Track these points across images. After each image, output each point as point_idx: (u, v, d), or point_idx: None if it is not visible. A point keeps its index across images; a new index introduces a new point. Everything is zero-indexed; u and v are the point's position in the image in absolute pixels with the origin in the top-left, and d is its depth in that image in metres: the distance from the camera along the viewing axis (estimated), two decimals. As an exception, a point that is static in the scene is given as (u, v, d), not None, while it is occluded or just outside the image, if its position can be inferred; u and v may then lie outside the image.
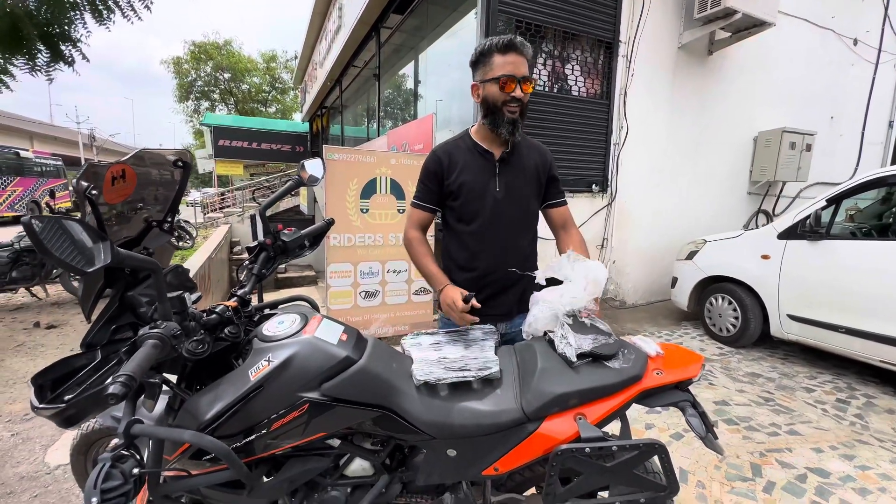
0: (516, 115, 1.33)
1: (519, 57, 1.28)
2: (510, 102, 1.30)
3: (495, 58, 1.29)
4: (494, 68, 1.29)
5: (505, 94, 1.29)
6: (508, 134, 1.35)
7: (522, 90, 1.29)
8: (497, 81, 1.28)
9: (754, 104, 5.22)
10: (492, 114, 1.35)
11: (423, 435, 1.04)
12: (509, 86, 1.28)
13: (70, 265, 0.62)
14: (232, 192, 14.74)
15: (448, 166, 1.41)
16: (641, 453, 0.94)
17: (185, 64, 25.26)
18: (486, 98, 1.34)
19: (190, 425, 0.94)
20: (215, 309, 1.04)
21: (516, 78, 1.27)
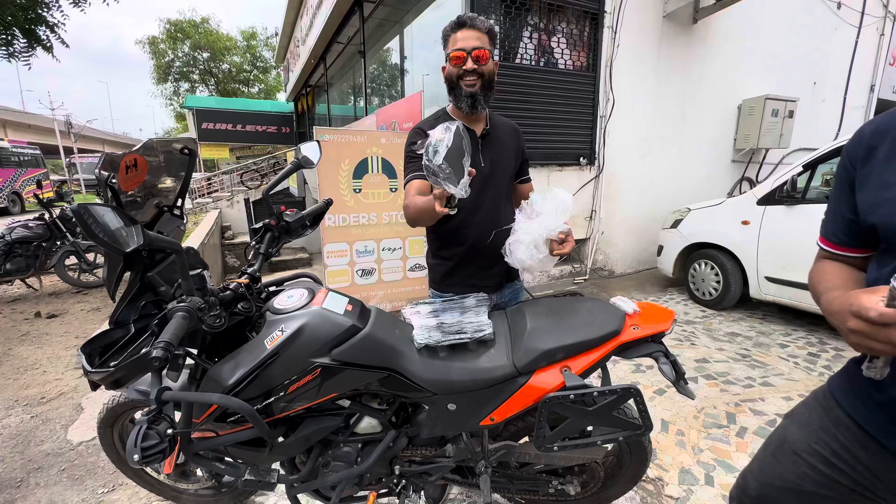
0: (475, 87, 1.36)
1: (470, 31, 1.33)
2: (465, 76, 1.35)
3: (450, 38, 1.36)
4: (449, 46, 1.36)
5: (458, 69, 1.35)
6: (469, 108, 1.39)
7: (476, 63, 1.34)
8: (450, 59, 1.35)
9: (738, 72, 5.27)
10: (452, 90, 1.41)
11: (425, 392, 1.15)
12: (459, 60, 1.34)
13: (113, 246, 0.70)
14: (219, 177, 14.52)
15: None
16: (619, 397, 1.07)
17: (162, 44, 24.34)
18: (447, 76, 1.40)
19: (214, 391, 1.04)
20: (230, 286, 1.13)
21: (465, 50, 1.33)
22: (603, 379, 1.18)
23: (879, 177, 0.69)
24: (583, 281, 4.65)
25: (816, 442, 0.83)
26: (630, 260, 5.02)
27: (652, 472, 1.81)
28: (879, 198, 0.68)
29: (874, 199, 0.69)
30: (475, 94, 1.37)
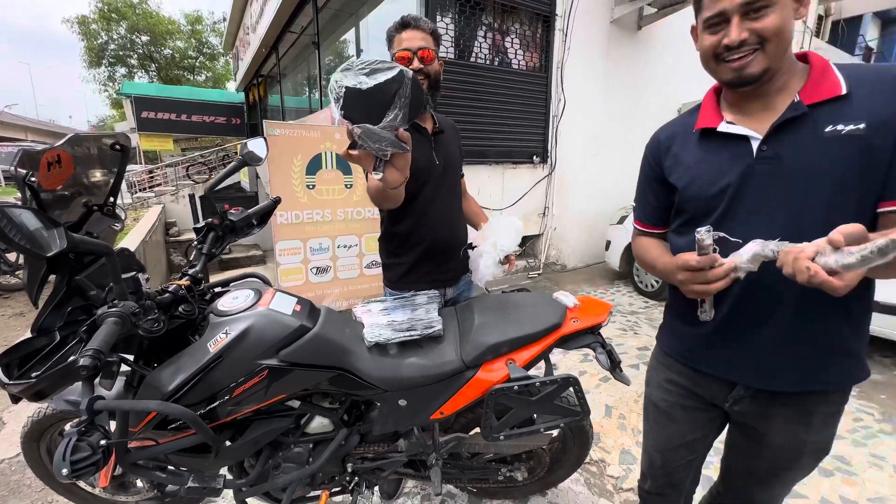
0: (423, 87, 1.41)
1: (414, 32, 1.35)
2: None
3: (395, 38, 1.38)
4: (394, 46, 1.38)
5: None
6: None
7: (422, 62, 1.36)
8: (395, 59, 1.36)
9: (679, 76, 5.61)
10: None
11: (376, 389, 1.17)
12: (405, 60, 1.35)
13: (31, 251, 0.66)
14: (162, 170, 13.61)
15: None
16: (559, 386, 1.13)
17: (94, 24, 22.34)
18: None
19: (153, 398, 1.00)
20: (169, 288, 1.09)
21: (411, 50, 1.34)
22: (546, 369, 1.25)
23: (681, 163, 0.95)
24: (537, 275, 4.81)
25: (668, 392, 1.07)
26: (581, 254, 5.25)
27: (595, 455, 1.92)
28: (688, 176, 0.93)
29: (685, 177, 0.93)
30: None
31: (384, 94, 0.84)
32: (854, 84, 0.76)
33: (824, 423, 0.92)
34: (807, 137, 0.78)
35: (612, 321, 3.57)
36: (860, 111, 0.74)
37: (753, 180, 0.83)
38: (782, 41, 0.76)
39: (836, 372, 0.87)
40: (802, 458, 0.94)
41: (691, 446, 1.08)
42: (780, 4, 0.74)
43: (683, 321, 1.00)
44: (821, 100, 0.77)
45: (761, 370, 0.88)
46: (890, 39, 12.68)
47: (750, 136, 0.83)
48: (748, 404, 0.93)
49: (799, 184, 0.79)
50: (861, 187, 0.75)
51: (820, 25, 10.24)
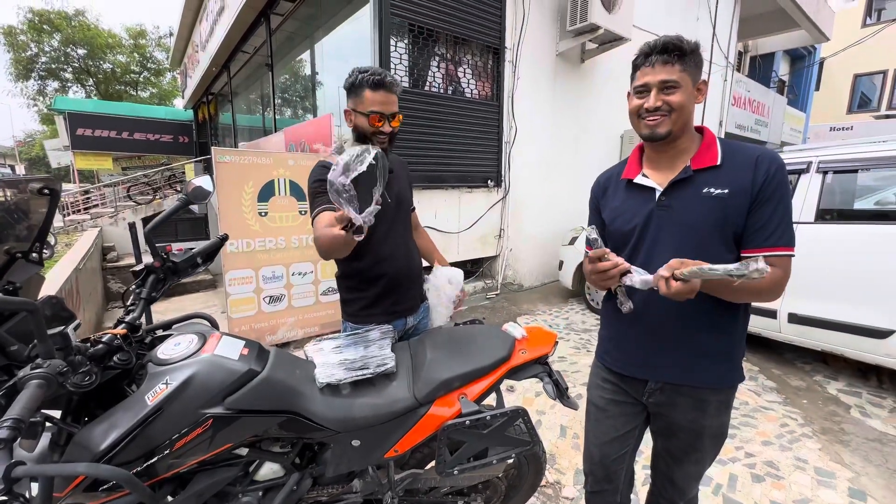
0: (385, 144, 1.45)
1: (388, 94, 1.39)
2: (379, 134, 1.42)
3: (367, 93, 1.38)
4: (365, 102, 1.38)
5: (374, 128, 1.41)
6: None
7: (391, 125, 1.43)
8: (367, 116, 1.39)
9: (620, 106, 6.04)
10: (362, 141, 1.46)
11: (328, 431, 1.15)
12: (378, 122, 1.40)
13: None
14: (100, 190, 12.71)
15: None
16: (509, 418, 1.17)
17: (22, 35, 20.79)
18: (358, 126, 1.44)
19: (82, 458, 0.93)
20: (102, 338, 1.03)
21: (385, 115, 1.40)
22: (497, 401, 1.29)
23: (610, 203, 1.20)
24: (495, 295, 4.91)
25: (603, 390, 1.28)
26: (537, 274, 5.42)
27: (551, 477, 1.97)
28: (613, 214, 1.18)
29: (611, 214, 1.19)
30: (385, 150, 1.46)
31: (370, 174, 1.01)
32: (726, 157, 1.03)
33: (717, 411, 1.13)
34: (690, 194, 1.04)
35: (566, 339, 3.69)
36: (727, 179, 1.01)
37: (653, 222, 1.08)
38: (683, 113, 1.02)
39: (710, 371, 1.10)
40: (704, 440, 1.16)
41: (624, 440, 1.25)
42: (684, 89, 1.01)
43: (606, 328, 1.29)
44: (703, 167, 1.04)
45: (659, 367, 1.13)
46: (798, 73, 14.34)
47: (654, 188, 1.09)
48: (658, 395, 1.16)
49: (682, 228, 1.04)
50: (722, 235, 1.02)
51: (740, 60, 11.41)
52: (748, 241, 1.01)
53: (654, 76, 1.00)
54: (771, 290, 0.99)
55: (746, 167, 0.99)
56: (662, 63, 0.99)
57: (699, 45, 1.03)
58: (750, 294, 1.00)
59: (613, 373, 1.24)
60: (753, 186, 0.98)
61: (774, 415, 2.51)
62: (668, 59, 0.99)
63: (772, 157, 1.00)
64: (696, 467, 1.22)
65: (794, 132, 12.19)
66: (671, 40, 1.00)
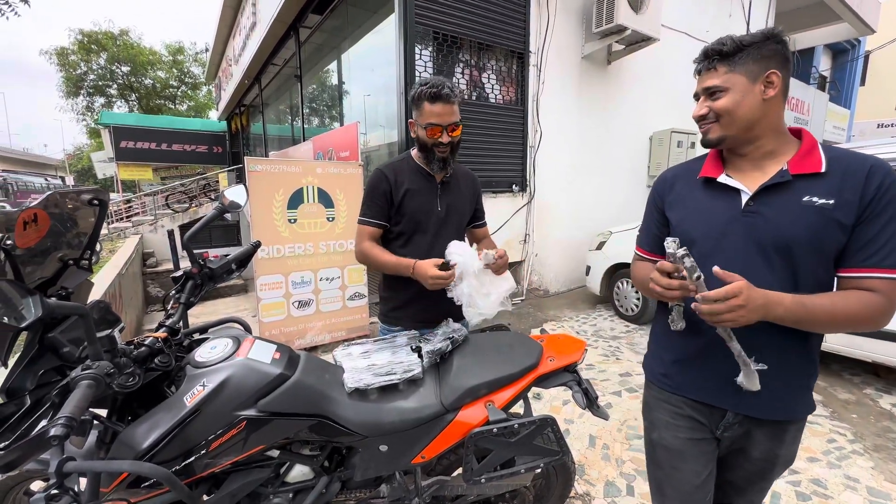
0: (446, 154, 1.49)
1: (446, 106, 1.41)
2: (439, 145, 1.46)
3: (426, 105, 1.42)
4: (424, 115, 1.43)
5: (433, 140, 1.45)
6: (439, 170, 1.52)
7: (449, 135, 1.45)
8: (426, 129, 1.44)
9: (648, 107, 5.90)
10: (424, 151, 1.51)
11: (356, 436, 1.17)
12: (436, 134, 1.44)
13: (7, 325, 0.66)
14: (141, 199, 13.40)
15: (395, 184, 1.52)
16: (538, 427, 1.15)
17: (73, 55, 22.24)
18: (419, 138, 1.49)
19: (126, 455, 0.98)
20: (145, 341, 1.08)
21: (442, 126, 1.43)
22: (525, 410, 1.27)
23: (681, 203, 1.09)
24: (520, 301, 4.86)
25: (678, 429, 1.09)
26: (563, 280, 5.33)
27: (581, 488, 1.92)
28: (684, 213, 1.07)
29: (680, 215, 1.08)
30: (446, 159, 1.50)
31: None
32: (832, 164, 0.91)
33: (793, 440, 1.05)
34: (786, 201, 0.92)
35: (594, 347, 3.61)
36: (833, 189, 0.89)
37: (735, 229, 0.97)
38: (735, 116, 0.94)
39: (803, 403, 1.01)
40: (775, 469, 1.07)
41: (705, 486, 1.08)
42: (733, 90, 0.94)
43: (667, 347, 1.12)
44: (804, 172, 0.92)
45: (742, 399, 0.99)
46: (841, 68, 13.62)
47: (741, 191, 0.98)
48: (736, 429, 1.04)
49: (772, 239, 0.92)
50: (819, 251, 0.91)
51: (776, 57, 10.93)
52: (849, 260, 0.89)
53: (700, 84, 1.00)
54: (874, 319, 0.87)
55: (857, 176, 0.88)
56: (706, 69, 0.98)
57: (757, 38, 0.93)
58: (848, 325, 0.89)
59: (687, 402, 1.07)
60: (863, 199, 0.87)
61: (821, 430, 2.36)
62: (709, 65, 0.97)
63: (886, 168, 0.89)
64: (760, 496, 1.13)
65: (838, 130, 11.55)
66: (710, 45, 0.97)
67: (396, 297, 1.61)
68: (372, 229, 1.55)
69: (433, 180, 1.56)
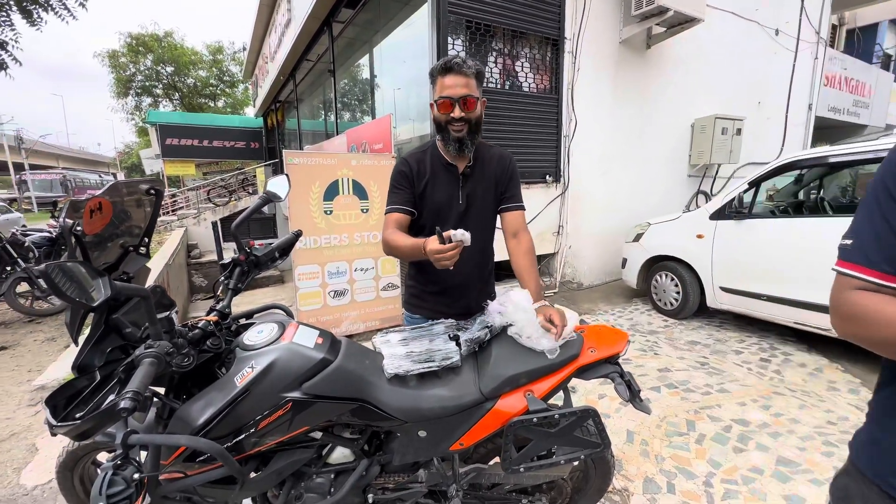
0: (462, 133, 1.39)
1: (458, 77, 1.32)
2: (452, 122, 1.37)
3: (438, 80, 1.36)
4: (437, 90, 1.37)
5: (446, 116, 1.36)
6: (456, 151, 1.42)
7: (463, 109, 1.34)
8: (438, 103, 1.36)
9: (690, 93, 5.62)
10: (440, 132, 1.43)
11: (396, 421, 1.19)
12: (447, 107, 1.35)
13: (80, 303, 0.71)
14: (184, 194, 14.08)
15: (416, 173, 1.46)
16: (579, 418, 1.13)
17: (122, 57, 23.55)
18: (435, 118, 1.42)
19: (182, 431, 1.04)
20: (198, 324, 1.14)
21: (453, 99, 1.33)
22: (564, 400, 1.25)
23: None
24: (553, 294, 4.78)
25: None
26: (597, 272, 5.20)
27: (618, 483, 1.88)
28: None
29: None
30: (462, 139, 1.40)
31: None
32: None
33: None
34: None
35: (630, 341, 3.51)
36: None
37: None
38: None
39: None
40: None
41: None
42: None
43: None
44: None
45: None
46: (908, 46, 12.47)
47: None
48: None
49: None
50: None
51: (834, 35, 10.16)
52: None
53: None
54: None
55: None
56: None
57: None
58: None
59: None
60: None
61: None
62: None
63: None
64: None
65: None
66: None
67: (415, 286, 1.61)
68: (397, 216, 1.45)
69: (454, 170, 1.48)
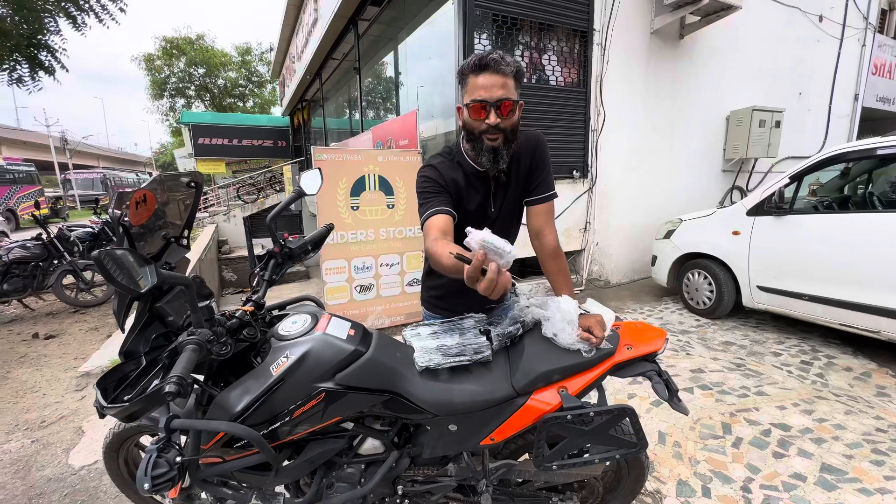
0: (497, 142, 1.19)
1: (494, 77, 1.12)
2: (487, 131, 1.17)
3: (470, 79, 1.16)
4: (469, 91, 1.16)
5: (479, 122, 1.16)
6: (490, 163, 1.23)
7: (499, 115, 1.14)
8: (470, 107, 1.16)
9: (726, 84, 5.40)
10: (471, 140, 1.23)
11: (427, 414, 1.18)
12: (480, 112, 1.15)
13: (129, 289, 0.74)
14: (215, 191, 14.55)
15: (447, 182, 1.31)
16: (614, 417, 1.10)
17: (157, 60, 24.53)
18: (465, 124, 1.22)
19: (221, 417, 1.06)
20: (235, 314, 1.17)
21: (488, 103, 1.13)
22: (599, 398, 1.22)
23: None
24: (579, 291, 4.70)
25: None
26: (625, 270, 5.08)
27: (650, 485, 1.83)
28: None
29: None
30: (497, 150, 1.20)
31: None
32: None
33: None
34: None
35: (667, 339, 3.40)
36: None
37: None
38: None
39: None
40: None
41: None
42: None
43: None
44: None
45: None
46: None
47: None
48: None
49: None
50: None
51: (884, 21, 9.54)
52: None
53: None
54: None
55: None
56: None
57: None
58: None
59: None
60: None
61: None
62: None
63: None
64: None
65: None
66: None
67: (438, 287, 1.55)
68: (439, 219, 1.21)
69: (484, 177, 1.32)
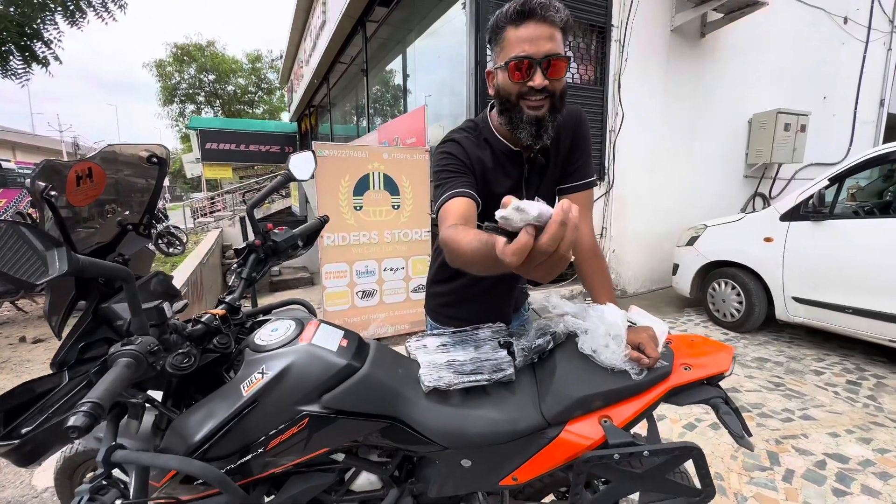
0: (542, 111, 0.95)
1: (540, 27, 0.88)
2: (528, 95, 0.93)
3: (508, 32, 0.91)
4: (506, 48, 0.92)
5: (520, 84, 0.92)
6: (531, 138, 0.98)
7: (546, 76, 0.90)
8: (508, 67, 0.91)
9: (748, 86, 5.17)
10: (507, 111, 0.99)
11: (434, 446, 0.96)
12: (522, 72, 0.90)
13: (15, 279, 0.52)
14: (221, 196, 14.51)
15: (473, 160, 1.07)
16: (675, 457, 0.87)
17: (168, 66, 24.82)
18: (499, 90, 0.98)
19: (178, 447, 0.85)
20: (201, 318, 0.95)
21: (534, 60, 0.88)
22: (650, 432, 0.98)
23: None
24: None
25: None
26: (642, 279, 4.82)
27: (692, 527, 1.57)
28: None
29: None
30: (542, 120, 0.96)
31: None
32: None
33: None
34: None
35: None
36: None
37: None
38: None
39: None
40: None
41: None
42: None
43: None
44: None
45: None
46: None
47: None
48: None
49: None
50: None
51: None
52: None
53: None
54: None
55: None
56: None
57: None
58: None
59: None
60: None
61: None
62: None
63: None
64: None
65: None
66: None
67: (448, 293, 1.32)
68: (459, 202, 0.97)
69: (518, 159, 1.09)
